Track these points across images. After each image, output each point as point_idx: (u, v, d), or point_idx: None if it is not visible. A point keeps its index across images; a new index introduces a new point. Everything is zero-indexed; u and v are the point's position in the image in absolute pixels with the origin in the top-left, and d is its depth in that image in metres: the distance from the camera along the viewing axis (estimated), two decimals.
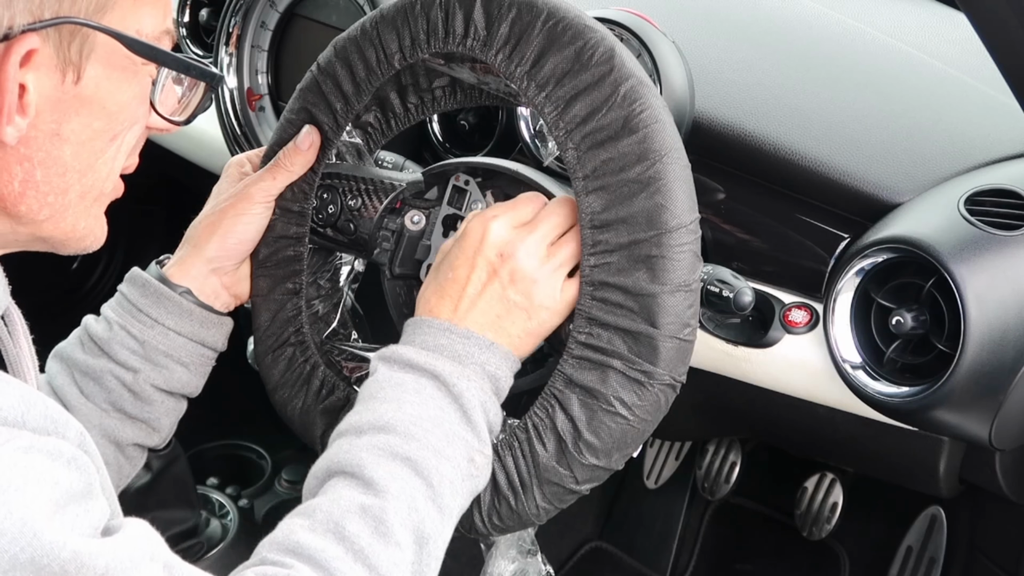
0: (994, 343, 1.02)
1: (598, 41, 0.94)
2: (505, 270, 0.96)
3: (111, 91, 0.78)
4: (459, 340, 0.95)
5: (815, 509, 1.75)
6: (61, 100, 0.76)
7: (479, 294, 0.97)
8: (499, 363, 0.95)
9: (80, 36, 0.75)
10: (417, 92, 1.16)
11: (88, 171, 0.80)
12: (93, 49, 0.76)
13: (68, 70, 0.75)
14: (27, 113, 0.74)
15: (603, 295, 0.93)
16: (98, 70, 0.77)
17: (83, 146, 0.78)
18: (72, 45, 0.75)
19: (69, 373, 1.08)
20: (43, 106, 0.75)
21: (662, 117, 0.93)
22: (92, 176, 0.80)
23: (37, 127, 0.75)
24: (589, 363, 0.93)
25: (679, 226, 0.92)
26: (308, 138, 1.11)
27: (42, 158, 0.77)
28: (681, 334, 0.92)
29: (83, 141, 0.78)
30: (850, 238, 1.14)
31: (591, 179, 0.94)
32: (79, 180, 0.80)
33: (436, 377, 0.92)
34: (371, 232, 1.13)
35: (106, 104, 0.78)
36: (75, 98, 0.76)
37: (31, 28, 0.72)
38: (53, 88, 0.75)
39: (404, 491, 0.86)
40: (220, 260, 1.11)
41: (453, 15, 1.00)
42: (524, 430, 0.97)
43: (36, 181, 0.77)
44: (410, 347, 0.95)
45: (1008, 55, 0.97)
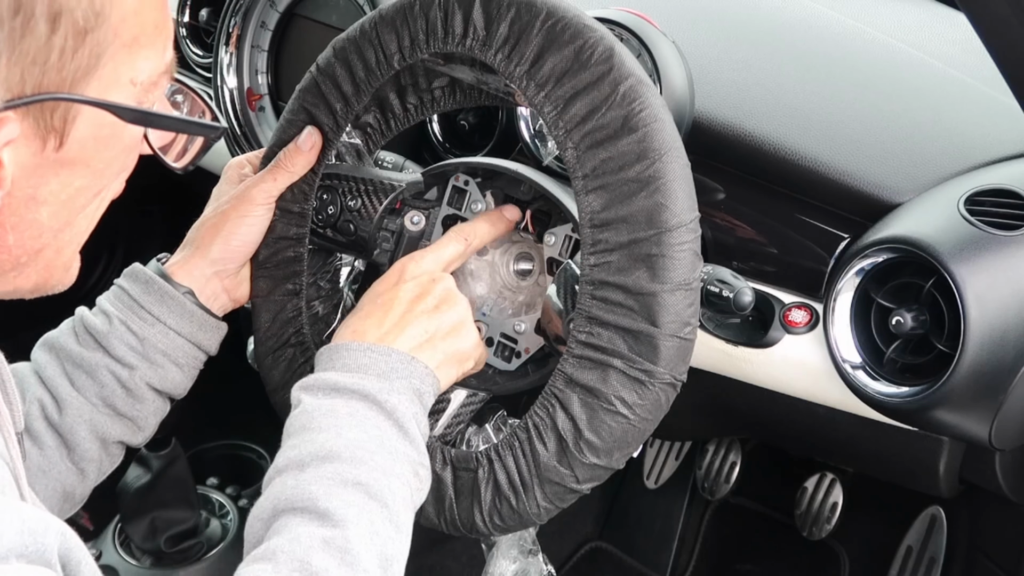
0: (994, 343, 1.02)
1: (597, 40, 0.94)
2: (438, 288, 0.99)
3: (97, 150, 0.73)
4: (381, 358, 0.94)
5: (815, 509, 1.75)
6: (40, 166, 0.70)
7: (407, 312, 0.98)
8: (422, 378, 0.95)
9: (63, 104, 0.69)
10: (416, 93, 1.16)
11: (65, 228, 0.75)
12: (79, 114, 0.70)
13: (50, 138, 0.70)
14: (2, 187, 0.69)
15: (603, 294, 0.93)
16: (84, 132, 0.71)
17: (62, 206, 0.73)
18: (55, 114, 0.69)
19: (60, 364, 1.06)
20: (19, 174, 0.69)
21: (661, 116, 0.93)
22: (70, 232, 0.76)
23: (12, 194, 0.70)
24: (590, 362, 0.93)
25: (679, 225, 0.92)
26: (309, 139, 1.11)
27: (15, 223, 0.72)
28: (682, 332, 0.92)
29: (63, 201, 0.73)
30: (850, 238, 1.14)
31: (591, 178, 0.94)
32: (55, 238, 0.75)
33: (366, 396, 0.91)
34: (371, 233, 1.13)
35: (91, 163, 0.73)
36: (56, 162, 0.71)
37: (10, 106, 0.67)
38: (31, 156, 0.70)
39: (362, 517, 0.84)
40: (223, 262, 1.11)
41: (452, 15, 1.00)
42: (524, 430, 0.97)
43: (8, 245, 0.72)
44: (332, 372, 0.94)
45: (1008, 55, 0.97)
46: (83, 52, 0.69)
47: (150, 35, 0.73)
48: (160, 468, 1.36)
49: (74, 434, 1.05)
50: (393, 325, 0.97)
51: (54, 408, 1.05)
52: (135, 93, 0.73)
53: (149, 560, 1.40)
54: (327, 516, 0.83)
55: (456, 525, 1.01)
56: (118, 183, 0.78)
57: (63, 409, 1.05)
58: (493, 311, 1.16)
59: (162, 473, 1.36)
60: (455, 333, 1.00)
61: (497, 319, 1.15)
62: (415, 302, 0.99)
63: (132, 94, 0.73)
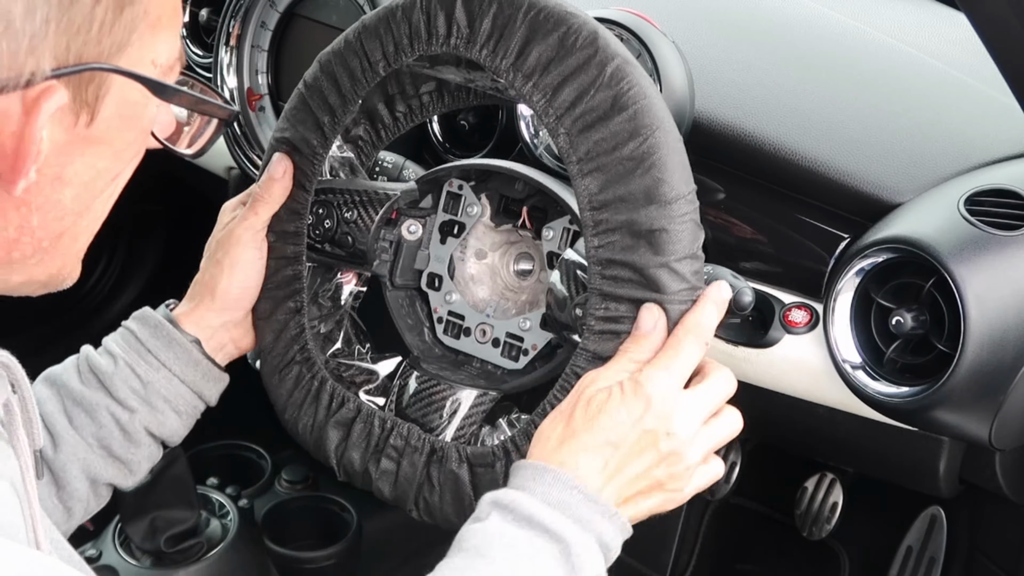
0: (994, 343, 1.02)
1: (580, 25, 0.95)
2: (665, 446, 0.87)
3: (120, 129, 0.73)
4: (584, 500, 0.84)
5: (815, 509, 1.75)
6: (69, 143, 0.70)
7: (634, 464, 0.87)
8: (615, 535, 0.86)
9: (99, 78, 0.69)
10: (405, 100, 1.16)
11: (85, 213, 0.75)
12: (109, 90, 0.71)
13: (82, 112, 0.70)
14: (37, 161, 0.69)
15: (612, 273, 0.94)
16: (110, 110, 0.71)
17: (85, 187, 0.73)
18: (90, 87, 0.69)
19: (60, 400, 1.06)
20: (50, 151, 0.69)
21: (650, 93, 0.94)
22: (88, 217, 0.76)
23: (41, 172, 0.70)
24: (610, 335, 0.94)
25: (677, 197, 0.92)
26: (280, 165, 1.11)
27: (41, 203, 0.71)
28: (693, 296, 0.94)
29: (85, 183, 0.73)
30: (850, 238, 1.14)
31: (585, 161, 0.94)
32: (74, 223, 0.75)
33: (559, 541, 0.82)
34: (369, 244, 1.13)
35: (114, 143, 0.73)
36: (83, 140, 0.71)
37: (57, 74, 0.67)
38: (64, 131, 0.70)
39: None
40: (229, 312, 1.12)
41: (435, 16, 1.00)
42: (543, 416, 0.96)
43: (32, 227, 0.72)
44: (532, 498, 0.84)
45: (1008, 55, 0.97)
46: (119, 26, 0.69)
47: (170, 18, 0.73)
48: (160, 468, 1.36)
49: (66, 472, 1.05)
50: (613, 471, 0.87)
51: (49, 444, 1.05)
52: (155, 74, 0.73)
53: (149, 560, 1.40)
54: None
55: None
56: (130, 169, 0.77)
57: (58, 446, 1.05)
58: (497, 312, 1.16)
59: (162, 473, 1.36)
60: (672, 486, 0.89)
61: (501, 319, 1.15)
62: (648, 451, 0.87)
63: (153, 75, 0.73)
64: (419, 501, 1.04)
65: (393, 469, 1.05)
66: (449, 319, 1.18)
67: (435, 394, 1.10)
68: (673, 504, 0.91)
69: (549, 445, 0.88)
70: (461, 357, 1.18)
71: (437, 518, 1.03)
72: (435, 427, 1.08)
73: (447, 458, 1.02)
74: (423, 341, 1.19)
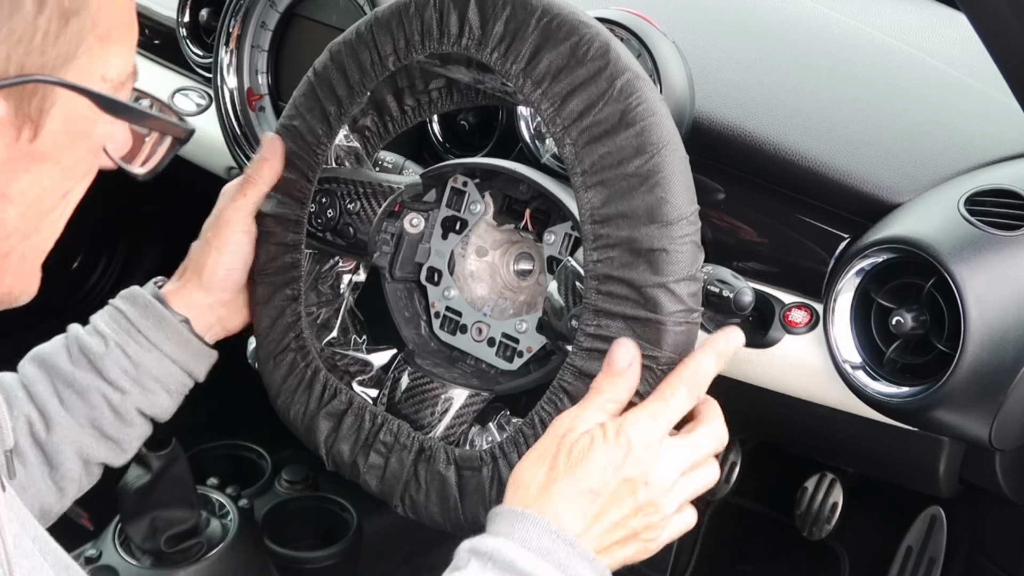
0: (994, 343, 1.02)
1: (593, 36, 0.94)
2: (643, 495, 0.86)
3: (67, 146, 0.70)
4: (565, 547, 0.82)
5: (815, 509, 1.75)
6: (12, 160, 0.68)
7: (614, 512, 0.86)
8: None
9: (43, 91, 0.67)
10: (413, 94, 1.16)
11: (33, 232, 0.72)
12: (55, 103, 0.68)
13: (25, 127, 0.67)
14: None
15: (608, 288, 0.93)
16: (56, 125, 0.68)
17: (30, 206, 0.70)
18: (33, 101, 0.67)
19: (51, 382, 1.05)
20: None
21: (659, 110, 0.93)
22: (36, 237, 0.73)
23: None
24: (599, 353, 0.93)
25: (679, 218, 0.92)
26: (271, 147, 1.10)
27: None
28: (688, 319, 0.93)
29: (30, 201, 0.70)
30: (850, 238, 1.14)
31: (589, 174, 0.94)
32: (21, 242, 0.72)
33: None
34: (370, 236, 1.13)
35: (61, 160, 0.70)
36: (27, 156, 0.68)
37: None
38: (5, 147, 0.67)
39: None
40: (217, 292, 1.11)
41: (447, 15, 1.00)
42: (531, 426, 0.97)
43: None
44: (510, 543, 0.82)
45: (1008, 55, 0.97)
46: (65, 37, 0.67)
47: (121, 32, 0.71)
48: (160, 468, 1.36)
49: (59, 454, 1.05)
50: (592, 519, 0.85)
51: (42, 426, 1.04)
52: (105, 89, 0.71)
53: (149, 560, 1.40)
54: None
55: (461, 525, 1.01)
56: (81, 188, 0.75)
57: (51, 428, 1.05)
58: (494, 311, 1.16)
59: (162, 473, 1.35)
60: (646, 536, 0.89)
61: (498, 319, 1.15)
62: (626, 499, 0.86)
63: (103, 90, 0.71)
64: (405, 498, 1.04)
65: (381, 464, 1.06)
66: (446, 315, 1.18)
67: (427, 391, 1.10)
68: (646, 554, 0.89)
69: (529, 492, 0.86)
70: (456, 354, 1.18)
71: (422, 516, 1.03)
72: (425, 424, 1.08)
73: (435, 458, 1.02)
74: (419, 335, 1.19)
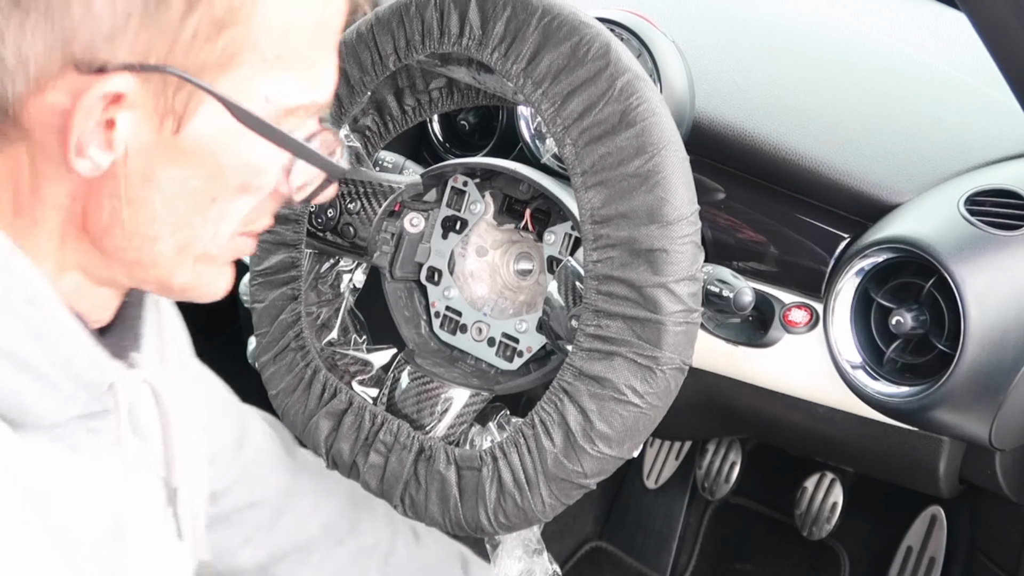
0: (994, 343, 1.02)
1: (593, 37, 0.94)
2: None
3: (215, 152, 0.71)
4: None
5: (815, 509, 1.75)
6: (156, 146, 0.70)
7: None
8: None
9: (188, 89, 0.68)
10: (414, 94, 1.16)
11: (183, 227, 0.73)
12: (201, 105, 0.69)
13: (167, 118, 0.69)
14: (112, 149, 0.69)
15: (608, 289, 0.93)
16: (203, 127, 0.70)
17: (177, 198, 0.72)
18: (178, 95, 0.68)
19: None
20: (134, 147, 0.69)
21: (659, 110, 0.93)
22: (188, 233, 0.74)
23: (128, 166, 0.70)
24: (599, 353, 0.94)
25: (679, 219, 0.92)
26: None
27: (130, 198, 0.71)
28: (688, 319, 0.93)
29: (177, 194, 0.72)
30: (850, 238, 1.14)
31: (590, 174, 0.94)
32: (172, 234, 0.73)
33: None
34: (370, 235, 1.13)
35: (207, 164, 0.71)
36: (172, 148, 0.70)
37: (129, 67, 0.67)
38: (149, 132, 0.69)
39: None
40: None
41: (448, 15, 1.00)
42: (531, 426, 0.97)
43: (122, 220, 0.71)
44: None
45: (1008, 55, 0.97)
46: (217, 45, 0.68)
47: (299, 64, 0.71)
48: None
49: None
50: None
51: None
52: (267, 111, 0.72)
53: None
54: None
55: (461, 525, 1.01)
56: (242, 203, 0.75)
57: None
58: (494, 311, 1.16)
59: None
60: None
61: (498, 319, 1.16)
62: None
63: (264, 111, 0.71)
64: (405, 498, 1.04)
65: (381, 464, 1.06)
66: (446, 314, 1.18)
67: (428, 391, 1.10)
68: None
69: None
70: (456, 353, 1.18)
71: (422, 516, 1.03)
72: (425, 424, 1.09)
73: (435, 458, 1.02)
74: (419, 335, 1.19)
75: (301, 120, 0.74)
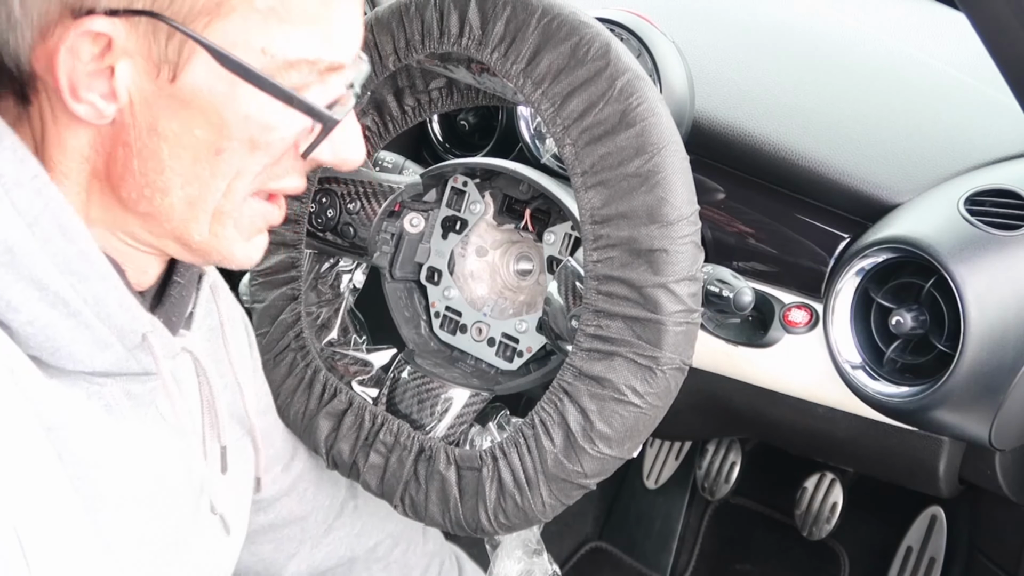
0: (994, 343, 1.02)
1: (593, 37, 0.94)
2: None
3: (213, 103, 0.70)
4: None
5: (815, 509, 1.75)
6: (157, 95, 0.70)
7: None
8: None
9: (179, 36, 0.68)
10: (414, 94, 1.16)
11: (193, 179, 0.73)
12: (195, 54, 0.69)
13: (163, 67, 0.69)
14: (117, 99, 0.69)
15: (608, 289, 0.93)
16: (199, 77, 0.69)
17: (184, 149, 0.72)
18: (169, 42, 0.68)
19: None
20: (137, 97, 0.70)
21: (659, 110, 0.93)
22: (198, 186, 0.73)
23: (134, 115, 0.70)
24: (599, 354, 0.94)
25: (679, 219, 0.92)
26: None
27: (139, 148, 0.71)
28: (688, 319, 0.93)
29: (183, 145, 0.71)
30: (850, 238, 1.14)
31: (590, 174, 0.94)
32: (182, 186, 0.73)
33: None
34: (370, 235, 1.13)
35: (207, 114, 0.71)
36: (171, 97, 0.70)
37: (114, 12, 0.67)
38: (148, 81, 0.69)
39: None
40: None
41: (448, 15, 1.00)
42: (531, 426, 0.97)
43: (133, 169, 0.72)
44: None
45: (1008, 55, 0.97)
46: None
47: (299, 16, 0.70)
48: None
49: None
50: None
51: None
52: (265, 63, 0.70)
53: None
54: None
55: (461, 525, 1.01)
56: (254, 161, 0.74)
57: None
58: (494, 311, 1.16)
59: None
60: None
61: (498, 319, 1.15)
62: None
63: (261, 62, 0.70)
64: (405, 498, 1.04)
65: (381, 464, 1.06)
66: (446, 314, 1.18)
67: (428, 391, 1.10)
68: None
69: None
70: (456, 353, 1.18)
71: (421, 516, 1.03)
72: (425, 424, 1.09)
73: (435, 459, 1.02)
74: (419, 335, 1.19)
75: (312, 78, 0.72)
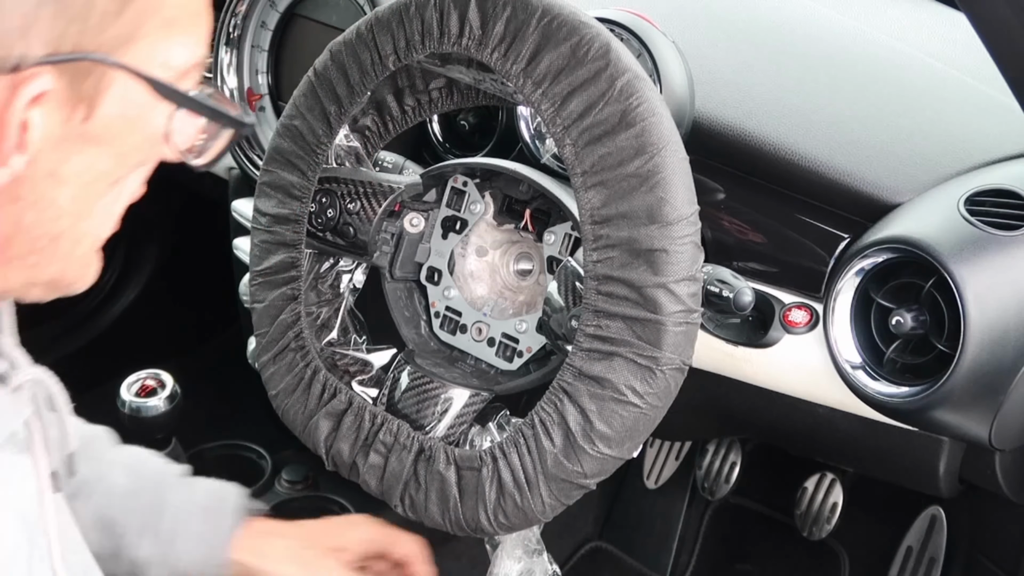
0: (994, 343, 1.02)
1: (593, 37, 0.94)
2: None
3: (122, 131, 0.69)
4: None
5: (815, 509, 1.75)
6: (65, 138, 0.67)
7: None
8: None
9: (99, 71, 0.66)
10: (414, 94, 1.16)
11: (85, 216, 0.72)
12: (111, 85, 0.67)
13: (79, 106, 0.67)
14: (26, 151, 0.66)
15: (608, 289, 0.93)
16: (112, 108, 0.68)
17: (83, 189, 0.70)
18: (88, 80, 0.66)
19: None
20: (44, 145, 0.66)
21: (659, 110, 0.93)
22: (89, 222, 0.72)
23: (34, 166, 0.66)
24: (598, 354, 0.94)
25: (679, 219, 0.92)
26: None
27: (35, 199, 0.68)
28: (688, 319, 0.93)
29: (84, 183, 0.70)
30: (850, 238, 1.14)
31: (590, 175, 0.94)
32: (73, 226, 0.71)
33: None
34: (370, 235, 1.13)
35: (115, 144, 0.70)
36: (80, 136, 0.68)
37: (49, 61, 0.64)
38: (59, 124, 0.67)
39: None
40: None
41: (448, 15, 1.00)
42: (531, 426, 0.97)
43: (25, 224, 0.69)
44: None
45: (1008, 55, 0.97)
46: (123, 19, 0.66)
47: (188, 20, 0.71)
48: None
49: None
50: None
51: None
52: (166, 77, 0.70)
53: None
54: None
55: (461, 525, 1.01)
56: (136, 178, 0.74)
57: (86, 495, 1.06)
58: (494, 311, 1.16)
59: None
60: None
61: (498, 319, 1.15)
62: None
63: (163, 77, 0.70)
64: (405, 498, 1.04)
65: (381, 464, 1.06)
66: (446, 314, 1.18)
67: (428, 391, 1.10)
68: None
69: None
70: (456, 353, 1.18)
71: (421, 516, 1.03)
72: (425, 424, 1.09)
73: (435, 459, 1.02)
74: (419, 335, 1.19)
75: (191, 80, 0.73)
